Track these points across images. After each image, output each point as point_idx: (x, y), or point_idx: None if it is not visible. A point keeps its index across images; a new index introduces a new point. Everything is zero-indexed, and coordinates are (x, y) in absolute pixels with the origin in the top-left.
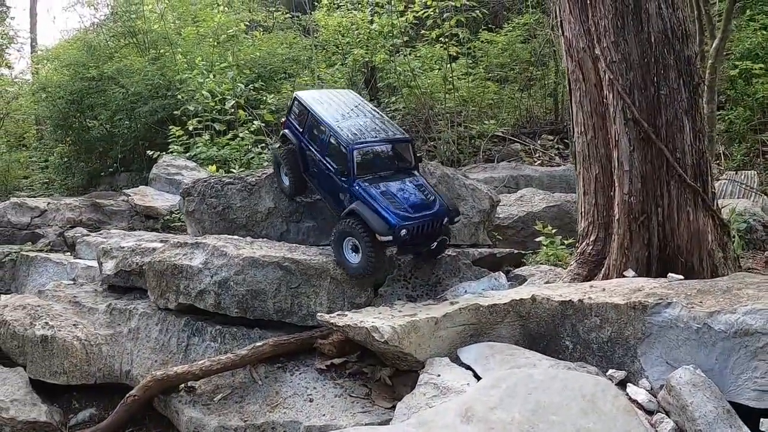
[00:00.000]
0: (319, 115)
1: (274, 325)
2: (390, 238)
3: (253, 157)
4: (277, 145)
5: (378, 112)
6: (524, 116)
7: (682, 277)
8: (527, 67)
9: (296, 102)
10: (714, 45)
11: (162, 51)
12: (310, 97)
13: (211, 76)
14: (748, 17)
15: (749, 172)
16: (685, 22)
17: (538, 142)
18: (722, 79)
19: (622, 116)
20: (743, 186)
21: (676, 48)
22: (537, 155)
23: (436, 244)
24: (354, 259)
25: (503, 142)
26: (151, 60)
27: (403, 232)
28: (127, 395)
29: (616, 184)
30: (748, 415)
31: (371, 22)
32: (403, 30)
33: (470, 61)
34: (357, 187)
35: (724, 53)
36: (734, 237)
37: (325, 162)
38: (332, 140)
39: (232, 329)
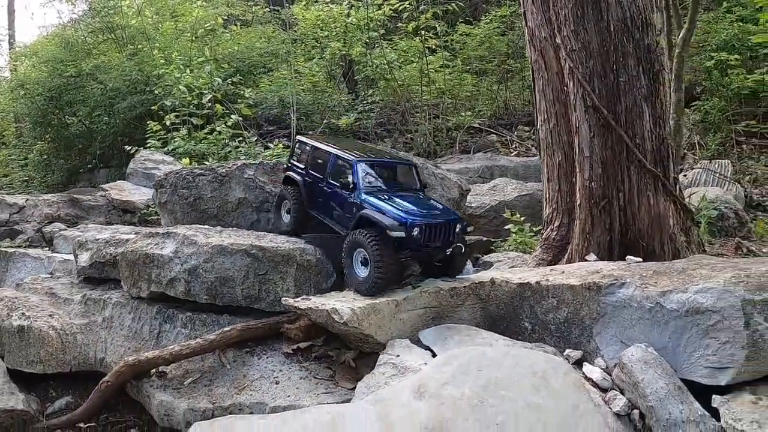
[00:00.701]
0: (322, 147)
1: (242, 311)
2: (402, 233)
3: (230, 151)
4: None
5: (379, 148)
6: (501, 108)
7: (640, 259)
8: (505, 59)
9: (299, 143)
10: (681, 35)
11: (140, 46)
12: (309, 138)
13: (188, 71)
14: (725, 9)
15: (723, 161)
16: (645, 10)
17: (515, 133)
18: (699, 70)
19: (582, 103)
20: (717, 175)
21: (636, 36)
22: (513, 146)
23: (450, 251)
24: (362, 272)
25: (480, 134)
26: (129, 55)
27: (416, 231)
28: (101, 381)
29: (578, 170)
30: (702, 392)
31: (348, 15)
32: (380, 23)
33: (448, 54)
34: (363, 198)
35: (692, 43)
36: (700, 222)
37: (330, 184)
38: (338, 161)
39: (202, 315)
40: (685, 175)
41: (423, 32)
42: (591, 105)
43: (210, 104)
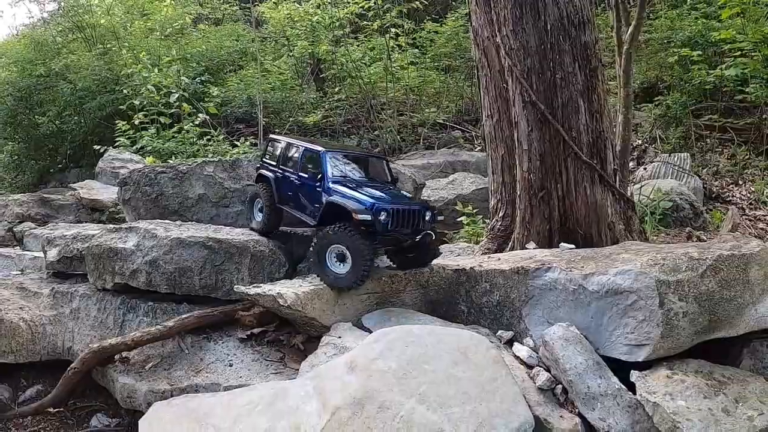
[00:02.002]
0: (293, 142)
1: (201, 300)
2: (368, 217)
3: (198, 150)
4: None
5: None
6: (468, 104)
7: (573, 246)
8: (471, 56)
9: (271, 141)
10: (629, 32)
11: (109, 45)
12: (281, 136)
13: (156, 70)
14: (689, 6)
15: (683, 154)
16: (583, 9)
17: (479, 128)
18: (664, 66)
19: (520, 99)
20: (676, 167)
21: (572, 34)
22: (478, 141)
23: (419, 238)
24: (340, 268)
25: (445, 130)
26: (98, 55)
27: (383, 215)
28: (69, 368)
29: (517, 163)
30: (626, 368)
31: (314, 14)
32: (346, 21)
33: (417, 51)
34: (330, 186)
35: (656, 40)
36: (646, 212)
37: (299, 176)
38: (307, 154)
39: (163, 305)
40: (645, 168)
41: (390, 30)
42: (529, 101)
43: (177, 103)
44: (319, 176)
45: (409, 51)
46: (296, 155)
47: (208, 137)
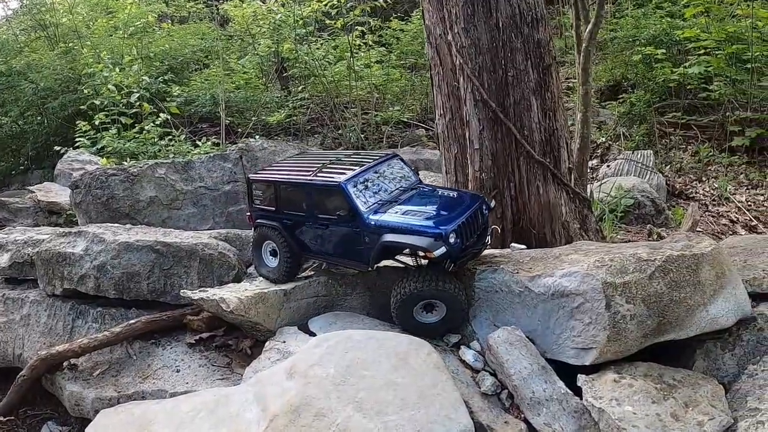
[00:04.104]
0: (289, 180)
1: (150, 305)
2: (444, 249)
3: (159, 150)
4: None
5: (340, 152)
6: (432, 102)
7: (524, 246)
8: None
9: (254, 184)
10: (588, 29)
11: (71, 44)
12: (265, 172)
13: (117, 69)
14: (655, 5)
15: (646, 151)
16: (537, 6)
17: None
18: (628, 64)
19: (472, 98)
20: (639, 165)
21: (525, 32)
22: (433, 141)
23: (488, 238)
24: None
25: (409, 128)
26: (60, 53)
27: (452, 238)
28: (18, 376)
29: (469, 162)
30: (575, 372)
31: (278, 12)
32: (309, 20)
33: (383, 50)
34: (373, 222)
35: (622, 38)
36: (605, 210)
37: (321, 220)
38: (318, 191)
39: (112, 310)
40: (608, 166)
41: (356, 28)
42: (480, 99)
43: (138, 103)
44: (350, 214)
45: (376, 49)
46: (300, 194)
47: (170, 137)
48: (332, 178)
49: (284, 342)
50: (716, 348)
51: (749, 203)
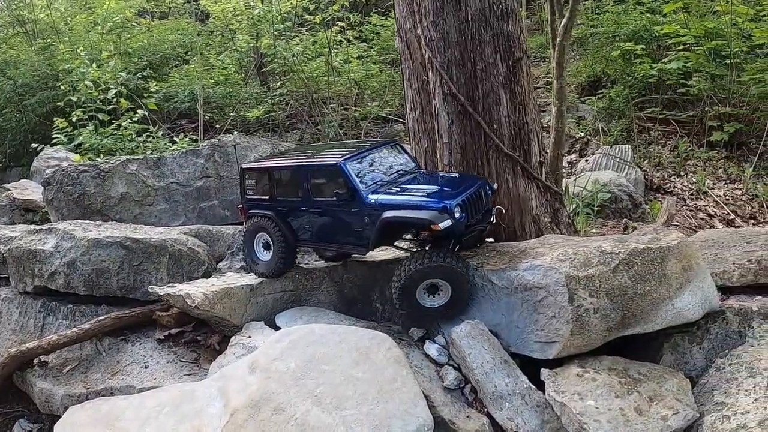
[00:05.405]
0: (284, 164)
1: (120, 302)
2: (449, 221)
3: (137, 146)
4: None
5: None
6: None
7: (492, 240)
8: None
9: (246, 173)
10: (562, 23)
11: (49, 40)
12: (256, 161)
13: (94, 65)
14: (635, 1)
15: (624, 146)
16: (506, 0)
17: None
18: (608, 59)
19: (441, 91)
20: (617, 159)
21: (494, 25)
22: (405, 135)
23: (493, 218)
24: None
25: (387, 123)
26: (39, 50)
27: (458, 212)
28: None
29: (438, 156)
30: (540, 366)
31: (256, 7)
32: (286, 16)
33: (364, 45)
34: (372, 200)
35: (602, 34)
36: (578, 204)
37: (317, 203)
38: (316, 173)
39: (82, 307)
40: (586, 160)
41: (336, 24)
42: (449, 93)
43: (115, 99)
44: (349, 194)
45: (356, 45)
46: (296, 178)
47: (148, 134)
48: (331, 159)
49: (250, 337)
50: (684, 342)
51: (727, 197)
